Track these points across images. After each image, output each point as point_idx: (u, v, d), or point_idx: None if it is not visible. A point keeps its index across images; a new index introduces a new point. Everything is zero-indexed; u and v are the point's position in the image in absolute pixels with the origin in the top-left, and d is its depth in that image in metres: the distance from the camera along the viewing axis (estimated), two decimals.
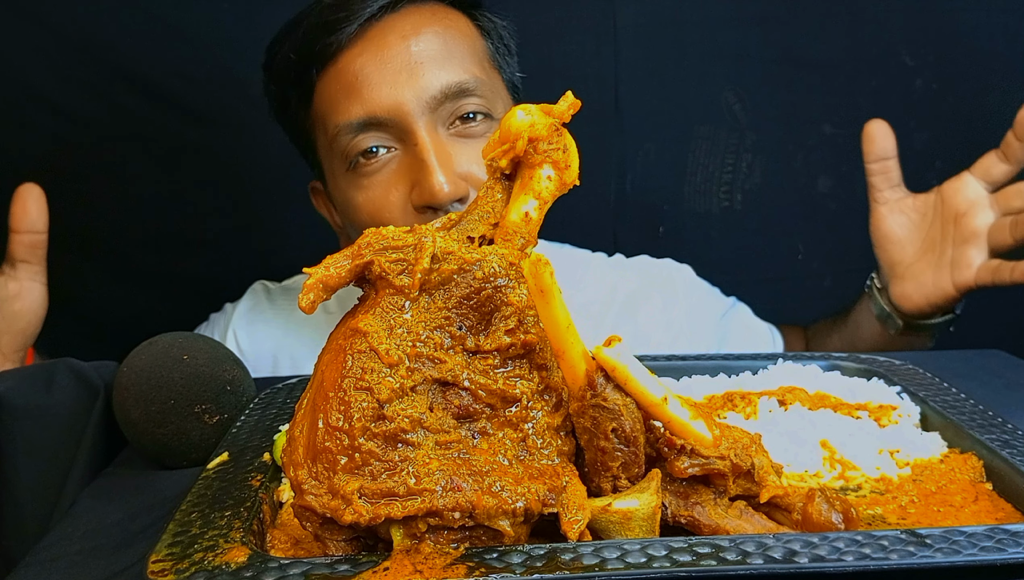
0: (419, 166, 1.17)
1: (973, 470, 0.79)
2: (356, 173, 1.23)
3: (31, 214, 1.10)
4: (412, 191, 1.19)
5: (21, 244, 1.11)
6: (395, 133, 1.20)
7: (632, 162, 1.82)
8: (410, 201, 1.20)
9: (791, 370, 1.01)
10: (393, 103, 1.18)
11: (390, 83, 1.18)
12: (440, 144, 1.19)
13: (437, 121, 1.20)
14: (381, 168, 1.21)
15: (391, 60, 1.19)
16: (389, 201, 1.21)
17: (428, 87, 1.18)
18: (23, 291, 1.11)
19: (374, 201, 1.22)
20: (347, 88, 1.20)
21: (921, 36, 1.76)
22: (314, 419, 0.61)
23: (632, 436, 0.64)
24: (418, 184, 1.18)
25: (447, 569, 0.59)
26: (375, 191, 1.22)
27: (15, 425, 0.88)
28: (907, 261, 1.27)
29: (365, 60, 1.20)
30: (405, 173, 1.20)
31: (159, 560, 0.61)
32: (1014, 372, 1.08)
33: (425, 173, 1.16)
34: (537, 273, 0.60)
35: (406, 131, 1.19)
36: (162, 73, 1.71)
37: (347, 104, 1.20)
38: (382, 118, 1.19)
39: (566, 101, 0.69)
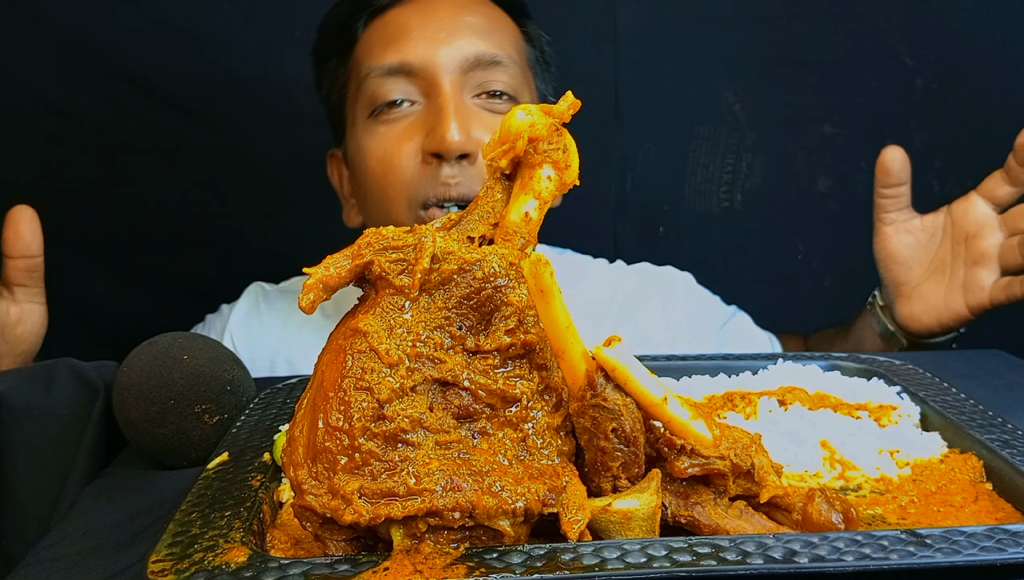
0: (437, 114, 1.22)
1: (973, 470, 0.79)
2: (376, 120, 1.27)
3: (25, 238, 1.07)
4: (425, 138, 1.23)
5: (16, 269, 1.08)
6: (422, 85, 1.25)
7: (632, 162, 1.82)
8: (421, 149, 1.24)
9: (791, 370, 1.01)
10: (427, 56, 1.24)
11: (429, 38, 1.25)
12: (461, 102, 1.24)
13: (464, 85, 1.25)
14: (401, 118, 1.27)
15: (435, 21, 1.26)
16: (401, 149, 1.25)
17: (463, 49, 1.25)
18: (24, 314, 1.10)
19: (387, 148, 1.26)
20: (388, 37, 1.27)
21: (921, 36, 1.76)
22: (314, 419, 0.61)
23: (632, 436, 0.64)
24: (432, 131, 1.22)
25: (447, 569, 0.59)
26: (390, 139, 1.26)
27: (15, 425, 0.88)
28: (914, 281, 1.27)
29: (410, 16, 1.27)
30: (422, 124, 1.25)
31: (159, 560, 0.61)
32: (1014, 372, 1.08)
33: (441, 119, 1.21)
34: (537, 273, 0.60)
35: (433, 84, 1.24)
36: (162, 73, 1.71)
37: (383, 49, 1.27)
38: (413, 67, 1.24)
39: (566, 101, 0.69)
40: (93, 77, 1.69)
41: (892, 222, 1.27)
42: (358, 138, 1.30)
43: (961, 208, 1.23)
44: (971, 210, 1.22)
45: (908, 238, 1.26)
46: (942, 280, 1.24)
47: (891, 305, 1.30)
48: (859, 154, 1.81)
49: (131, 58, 1.69)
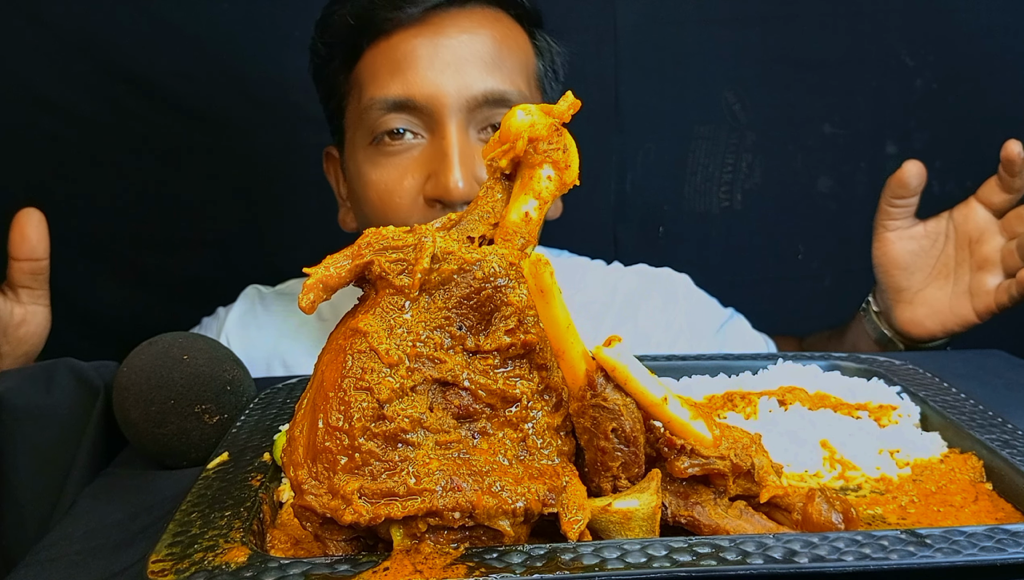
0: (440, 158, 1.18)
1: (973, 470, 0.79)
2: (377, 149, 1.23)
3: (31, 241, 1.05)
4: (427, 182, 1.20)
5: (22, 271, 1.07)
6: (426, 121, 1.21)
7: (632, 162, 1.82)
8: (422, 192, 1.20)
9: (791, 370, 1.01)
10: (433, 91, 1.19)
11: (437, 71, 1.19)
12: (466, 144, 1.20)
13: (470, 122, 1.21)
14: (403, 151, 1.22)
15: (443, 50, 1.20)
16: (402, 186, 1.21)
17: (471, 86, 1.19)
18: (28, 316, 1.08)
19: (387, 182, 1.22)
20: (393, 65, 1.21)
21: (921, 36, 1.76)
22: (314, 419, 0.61)
23: (632, 436, 0.64)
24: (435, 175, 1.18)
25: (447, 569, 0.59)
26: (391, 172, 1.22)
27: (15, 425, 0.88)
28: (915, 287, 1.26)
29: (418, 43, 1.20)
30: (425, 162, 1.21)
31: (159, 560, 0.61)
32: (1014, 372, 1.08)
33: (444, 166, 1.17)
34: (537, 273, 0.60)
35: (437, 122, 1.19)
36: (162, 73, 1.71)
37: (388, 80, 1.21)
38: (418, 103, 1.19)
39: (566, 101, 0.69)
40: (93, 77, 1.69)
41: (896, 229, 1.25)
42: (359, 163, 1.26)
43: (962, 213, 1.23)
44: (972, 216, 1.22)
45: (911, 244, 1.25)
46: (946, 285, 1.24)
47: (888, 310, 1.29)
48: (859, 154, 1.81)
49: (131, 58, 1.69)
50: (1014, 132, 1.37)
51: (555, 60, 1.34)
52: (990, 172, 1.20)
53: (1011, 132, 1.66)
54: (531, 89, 1.28)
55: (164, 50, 1.70)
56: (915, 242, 1.25)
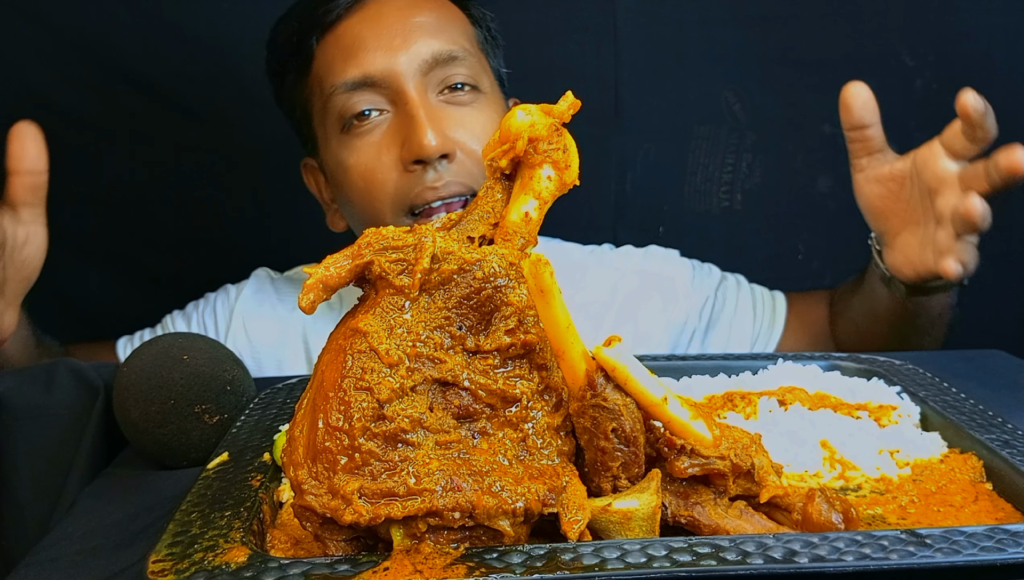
0: (408, 123, 1.24)
1: (973, 470, 0.79)
2: (349, 135, 1.29)
3: (30, 153, 1.04)
4: (402, 148, 1.25)
5: (23, 186, 1.05)
6: (387, 95, 1.27)
7: (632, 162, 1.82)
8: (400, 159, 1.26)
9: (791, 370, 1.01)
10: (386, 65, 1.26)
11: (384, 47, 1.26)
12: (430, 105, 1.26)
13: (427, 85, 1.27)
14: (373, 129, 1.28)
15: (387, 28, 1.27)
16: (381, 161, 1.27)
17: (420, 52, 1.27)
18: (30, 236, 1.07)
19: (366, 163, 1.28)
20: (344, 52, 1.28)
21: (921, 36, 1.76)
22: (314, 419, 0.61)
23: (632, 436, 0.64)
24: (407, 140, 1.24)
25: (447, 569, 0.59)
26: (367, 152, 1.28)
27: (15, 425, 0.88)
28: (892, 232, 1.20)
29: (362, 27, 1.28)
30: (396, 133, 1.27)
31: (159, 560, 0.61)
32: (1014, 372, 1.09)
33: (414, 128, 1.23)
34: (537, 273, 0.60)
35: (398, 92, 1.26)
36: (162, 73, 1.71)
37: (343, 66, 1.28)
38: (376, 79, 1.26)
39: (566, 101, 0.69)
40: (93, 77, 1.69)
41: (863, 169, 1.19)
42: (335, 153, 1.32)
43: (923, 158, 1.14)
44: (932, 162, 1.12)
45: (879, 188, 1.19)
46: (916, 232, 1.17)
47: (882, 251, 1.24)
48: None
49: (131, 58, 1.69)
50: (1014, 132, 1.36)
51: (491, 27, 1.41)
52: None
53: (1011, 132, 1.66)
54: (475, 51, 1.35)
55: (164, 50, 1.70)
56: (882, 185, 1.18)
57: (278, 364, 1.45)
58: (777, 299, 1.53)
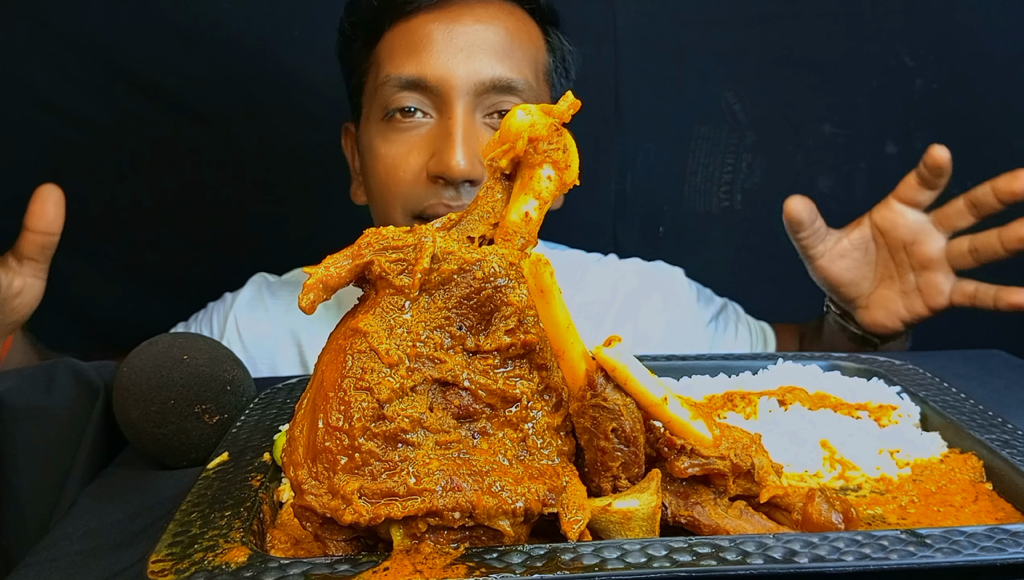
0: (445, 137, 1.24)
1: (973, 470, 0.79)
2: (388, 125, 1.29)
3: (49, 215, 1.10)
4: (431, 159, 1.25)
5: (34, 243, 1.11)
6: (435, 101, 1.26)
7: (632, 162, 1.82)
8: (426, 168, 1.25)
9: (791, 370, 1.01)
10: (444, 73, 1.24)
11: (449, 55, 1.25)
12: (471, 125, 1.25)
13: (477, 106, 1.26)
14: (412, 128, 1.28)
15: (458, 36, 1.26)
16: (408, 161, 1.27)
17: (480, 72, 1.25)
18: (26, 288, 1.11)
19: (394, 157, 1.28)
20: (410, 45, 1.27)
21: (921, 36, 1.76)
22: (314, 419, 0.61)
23: (632, 436, 0.64)
24: (438, 153, 1.24)
25: (447, 569, 0.59)
26: (399, 147, 1.28)
27: (15, 425, 0.88)
28: (865, 294, 1.28)
29: (435, 27, 1.27)
30: (431, 140, 1.26)
31: (159, 560, 0.61)
32: (1014, 372, 1.09)
33: (448, 144, 1.22)
34: (537, 273, 0.60)
35: (446, 102, 1.25)
36: (162, 73, 1.71)
37: (404, 59, 1.27)
38: (430, 83, 1.25)
39: (566, 101, 0.69)
40: (93, 77, 1.69)
41: (822, 255, 1.27)
42: (371, 136, 1.32)
43: (886, 219, 1.23)
44: (898, 220, 1.22)
45: (843, 262, 1.27)
46: (894, 286, 1.25)
47: (851, 314, 1.31)
48: (859, 154, 1.80)
49: (131, 58, 1.69)
50: (1014, 132, 1.37)
51: (566, 58, 1.40)
52: (990, 172, 1.20)
53: (1011, 132, 1.66)
54: (539, 82, 1.33)
55: (164, 50, 1.70)
56: (846, 259, 1.26)
57: (271, 366, 1.46)
58: (767, 331, 1.57)
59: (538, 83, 1.32)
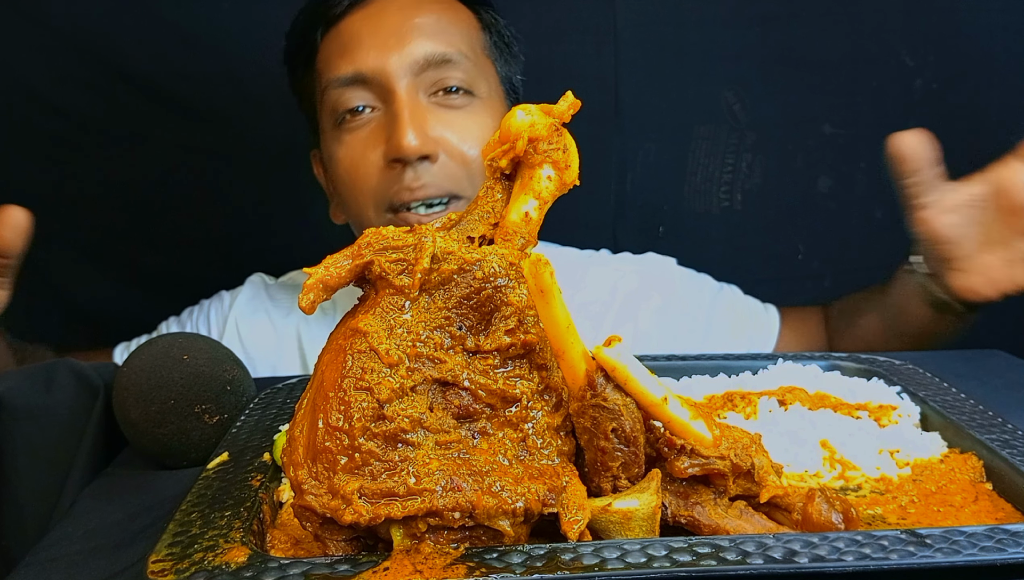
0: (392, 121, 1.26)
1: (973, 470, 0.79)
2: (341, 129, 1.32)
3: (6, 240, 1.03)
4: (386, 145, 1.27)
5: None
6: (379, 92, 1.29)
7: (632, 162, 1.82)
8: (383, 156, 1.27)
9: (791, 370, 1.01)
10: (378, 64, 1.27)
11: (379, 46, 1.28)
12: (417, 105, 1.27)
13: (419, 86, 1.28)
14: (362, 126, 1.31)
15: (385, 27, 1.29)
16: (366, 158, 1.29)
17: (413, 52, 1.28)
18: None
19: (352, 157, 1.31)
20: (342, 48, 1.31)
21: (921, 36, 1.76)
22: (314, 419, 0.61)
23: (632, 436, 0.64)
24: (389, 138, 1.26)
25: (447, 569, 0.59)
26: (354, 147, 1.30)
27: (15, 425, 0.88)
28: (965, 256, 1.17)
29: (362, 25, 1.30)
30: (382, 130, 1.29)
31: (159, 560, 0.61)
32: (1014, 372, 1.08)
33: (396, 126, 1.25)
34: (537, 273, 0.60)
35: (388, 90, 1.27)
36: (162, 73, 1.71)
37: (340, 61, 1.30)
38: (368, 76, 1.28)
39: (566, 101, 0.69)
40: (93, 77, 1.69)
41: (928, 205, 1.16)
42: (328, 146, 1.35)
43: (1006, 179, 1.13)
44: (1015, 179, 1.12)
45: (952, 217, 1.15)
46: (1000, 252, 1.15)
47: (941, 275, 1.20)
48: (859, 154, 1.80)
49: (131, 58, 1.69)
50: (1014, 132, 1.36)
51: (503, 32, 1.42)
52: None
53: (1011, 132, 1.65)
54: (477, 56, 1.35)
55: (164, 50, 1.70)
56: (956, 214, 1.15)
57: (272, 369, 1.45)
58: (770, 312, 1.54)
59: (476, 57, 1.34)
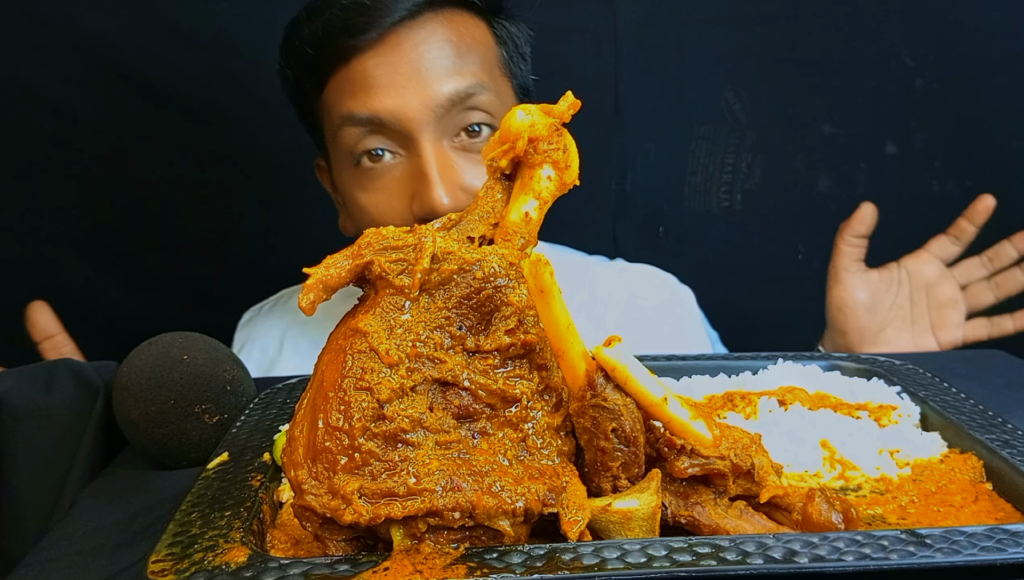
0: (420, 178, 1.19)
1: (973, 470, 0.79)
2: (360, 173, 1.24)
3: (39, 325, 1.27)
4: (413, 201, 1.20)
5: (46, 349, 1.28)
6: (398, 139, 1.21)
7: (632, 162, 1.82)
8: (411, 211, 1.21)
9: (791, 370, 1.01)
10: (398, 109, 1.18)
11: (398, 89, 1.19)
12: (443, 156, 1.20)
13: (441, 132, 1.21)
14: (385, 173, 1.23)
15: (402, 67, 1.19)
16: (392, 208, 1.23)
17: (435, 96, 1.19)
18: None
19: (377, 205, 1.24)
20: (355, 89, 1.21)
21: (921, 36, 1.76)
22: (314, 419, 0.61)
23: (632, 436, 0.64)
24: (418, 195, 1.19)
25: (447, 569, 0.59)
26: (378, 196, 1.23)
27: (15, 425, 0.88)
28: (876, 328, 1.36)
29: (376, 64, 1.20)
30: (407, 182, 1.21)
31: (159, 560, 0.61)
32: (1014, 372, 1.08)
33: (426, 185, 1.18)
34: (537, 273, 0.60)
35: (409, 139, 1.19)
36: (162, 73, 1.71)
37: (352, 102, 1.21)
38: (387, 121, 1.19)
39: (566, 101, 0.69)
40: (93, 77, 1.69)
41: (855, 271, 1.37)
42: (346, 184, 1.27)
43: (916, 264, 1.37)
44: (925, 265, 1.37)
45: (866, 288, 1.37)
46: (905, 325, 1.36)
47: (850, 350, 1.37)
48: (859, 154, 1.81)
49: (131, 58, 1.69)
50: (1014, 132, 1.36)
51: (518, 43, 1.33)
52: (990, 172, 1.21)
53: (1011, 132, 1.66)
54: (495, 79, 1.26)
55: (164, 50, 1.70)
56: (872, 285, 1.37)
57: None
58: None
59: (495, 80, 1.26)
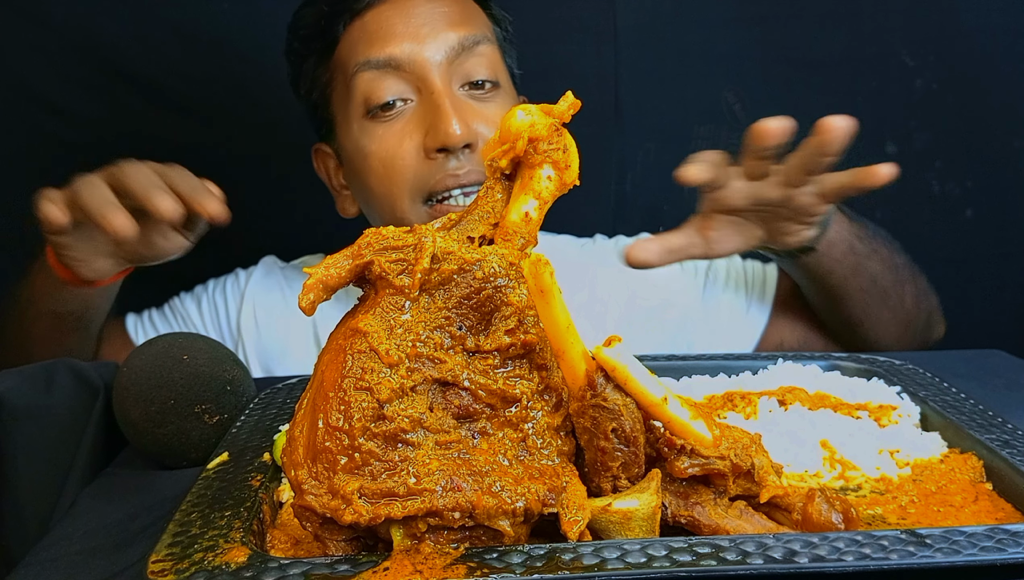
0: (434, 111, 1.27)
1: (973, 470, 0.79)
2: (373, 121, 1.31)
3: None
4: (426, 136, 1.28)
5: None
6: (412, 81, 1.30)
7: (632, 162, 1.82)
8: (423, 147, 1.28)
9: (791, 370, 1.01)
10: (413, 51, 1.29)
11: (412, 34, 1.30)
12: (454, 95, 1.29)
13: (452, 76, 1.30)
14: (396, 118, 1.30)
15: (415, 16, 1.31)
16: (403, 148, 1.29)
17: (447, 39, 1.30)
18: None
19: (388, 148, 1.30)
20: (372, 36, 1.31)
21: (921, 36, 1.76)
22: (314, 419, 0.61)
23: (632, 436, 0.64)
24: (432, 128, 1.27)
25: (447, 569, 0.59)
26: (390, 139, 1.30)
27: (15, 425, 0.88)
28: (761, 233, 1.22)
29: (391, 14, 1.31)
30: (420, 121, 1.29)
31: (159, 560, 0.61)
32: (1014, 372, 1.09)
33: (440, 116, 1.26)
34: (537, 273, 0.60)
35: (423, 79, 1.29)
36: (162, 73, 1.71)
37: (369, 47, 1.31)
38: (402, 62, 1.29)
39: (566, 101, 0.69)
40: (93, 77, 1.69)
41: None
42: (355, 138, 1.33)
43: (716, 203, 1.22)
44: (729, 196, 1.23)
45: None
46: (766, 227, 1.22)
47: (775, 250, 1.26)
48: (859, 154, 1.81)
49: (131, 58, 1.69)
50: (1014, 132, 1.36)
51: (508, 29, 1.45)
52: (990, 172, 1.20)
53: (1011, 132, 1.66)
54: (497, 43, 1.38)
55: (164, 50, 1.70)
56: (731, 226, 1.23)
57: (282, 352, 1.46)
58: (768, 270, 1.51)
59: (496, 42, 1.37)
